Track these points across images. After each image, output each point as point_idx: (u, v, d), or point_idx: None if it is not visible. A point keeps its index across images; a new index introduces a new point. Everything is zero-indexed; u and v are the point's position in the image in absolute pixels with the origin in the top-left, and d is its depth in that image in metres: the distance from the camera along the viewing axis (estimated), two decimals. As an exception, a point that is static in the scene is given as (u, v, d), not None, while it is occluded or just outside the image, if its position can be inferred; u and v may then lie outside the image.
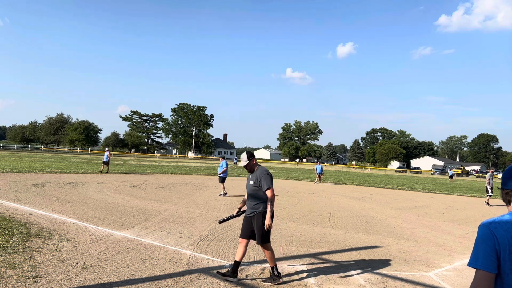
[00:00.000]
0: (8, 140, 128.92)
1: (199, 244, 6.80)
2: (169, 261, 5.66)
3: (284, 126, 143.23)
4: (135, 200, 12.05)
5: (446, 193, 23.62)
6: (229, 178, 25.51)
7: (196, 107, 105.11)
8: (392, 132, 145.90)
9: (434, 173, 73.56)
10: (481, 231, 1.69)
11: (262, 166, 5.16)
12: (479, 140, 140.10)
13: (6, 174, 18.05)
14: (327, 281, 5.18)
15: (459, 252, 7.53)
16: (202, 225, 8.59)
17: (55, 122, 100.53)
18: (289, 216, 10.69)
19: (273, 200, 4.88)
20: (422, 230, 9.75)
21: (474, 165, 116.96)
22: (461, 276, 5.86)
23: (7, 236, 6.34)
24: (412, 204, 16.29)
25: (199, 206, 11.47)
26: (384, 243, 7.91)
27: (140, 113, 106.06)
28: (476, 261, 1.65)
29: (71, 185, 15.12)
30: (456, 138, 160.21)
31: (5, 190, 12.20)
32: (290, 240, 7.57)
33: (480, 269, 1.62)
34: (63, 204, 10.31)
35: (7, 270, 4.75)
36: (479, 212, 14.56)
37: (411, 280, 5.49)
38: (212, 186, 18.37)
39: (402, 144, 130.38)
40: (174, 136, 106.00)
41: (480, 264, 1.63)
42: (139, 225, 8.17)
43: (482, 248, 1.64)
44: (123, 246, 6.31)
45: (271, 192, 4.86)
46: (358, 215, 11.75)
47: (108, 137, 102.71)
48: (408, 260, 6.63)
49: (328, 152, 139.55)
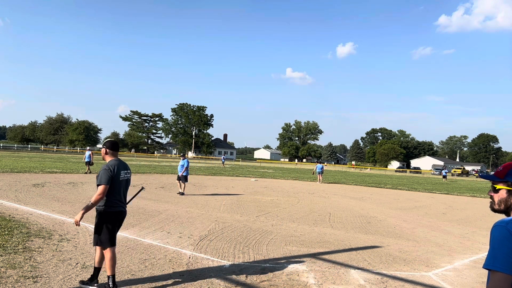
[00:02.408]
0: (8, 140, 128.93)
1: (199, 244, 6.80)
2: (169, 261, 5.66)
3: (284, 126, 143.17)
4: (135, 200, 12.01)
5: (446, 193, 23.61)
6: (229, 178, 25.51)
7: (196, 107, 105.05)
8: (392, 132, 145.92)
9: (434, 173, 73.51)
10: (499, 232, 1.62)
11: (112, 160, 4.43)
12: (479, 140, 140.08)
13: (6, 174, 18.05)
14: (327, 281, 5.18)
15: (459, 252, 7.53)
16: (202, 225, 8.58)
17: (55, 122, 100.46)
18: (289, 216, 10.69)
19: (96, 199, 4.15)
20: (422, 230, 9.75)
21: (474, 165, 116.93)
22: (461, 276, 5.86)
23: (7, 236, 6.34)
24: (412, 204, 16.29)
25: (199, 206, 11.47)
26: (384, 243, 7.91)
27: (140, 113, 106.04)
28: (494, 262, 1.58)
29: (71, 185, 15.11)
30: (456, 138, 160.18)
31: (5, 190, 12.20)
32: (290, 240, 7.57)
33: (498, 271, 1.56)
34: (63, 204, 10.30)
35: (7, 270, 4.75)
36: (479, 212, 14.56)
37: (411, 280, 5.48)
38: (212, 186, 18.37)
39: (402, 144, 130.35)
40: (174, 136, 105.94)
41: (499, 265, 1.56)
42: (139, 225, 8.17)
43: (501, 249, 1.58)
44: (123, 246, 6.31)
45: (99, 190, 4.16)
46: (358, 215, 11.75)
47: (108, 137, 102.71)
48: (408, 260, 6.62)
49: (328, 152, 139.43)
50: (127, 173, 4.56)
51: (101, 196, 4.17)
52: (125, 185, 4.55)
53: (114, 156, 4.50)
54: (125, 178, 4.50)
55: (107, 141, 4.52)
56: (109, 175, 4.23)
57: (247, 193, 16.07)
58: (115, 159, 4.47)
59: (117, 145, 4.57)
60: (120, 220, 4.51)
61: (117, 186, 4.34)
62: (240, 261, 5.89)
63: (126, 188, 4.59)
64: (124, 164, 4.57)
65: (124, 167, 4.52)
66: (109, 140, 4.55)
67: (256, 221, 9.56)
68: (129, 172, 4.64)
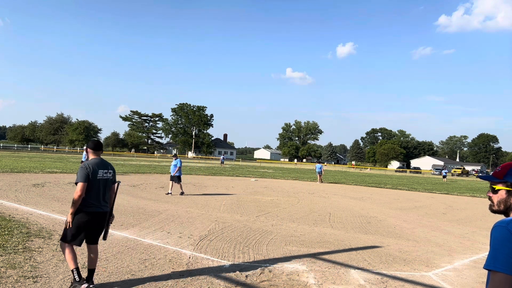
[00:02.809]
0: (8, 140, 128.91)
1: (199, 244, 6.80)
2: (169, 261, 5.66)
3: (284, 126, 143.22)
4: (135, 200, 12.05)
5: (446, 193, 23.62)
6: (229, 178, 25.51)
7: (196, 107, 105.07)
8: (392, 132, 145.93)
9: (434, 173, 73.53)
10: (499, 232, 1.61)
11: (93, 159, 4.43)
12: (479, 140, 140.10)
13: (6, 174, 18.05)
14: (327, 281, 5.18)
15: (459, 252, 7.53)
16: (202, 225, 8.58)
17: (55, 122, 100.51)
18: (289, 216, 10.69)
19: (75, 198, 4.14)
20: (422, 230, 9.75)
21: (474, 165, 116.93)
22: (461, 276, 5.86)
23: (7, 236, 6.34)
24: (412, 204, 16.29)
25: (199, 206, 11.47)
26: (384, 243, 7.91)
27: (140, 113, 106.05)
28: (495, 263, 1.56)
29: (71, 185, 15.11)
30: (456, 138, 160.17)
31: (5, 190, 12.20)
32: (290, 240, 7.57)
33: (499, 272, 1.55)
34: (63, 204, 10.30)
35: (7, 270, 4.75)
36: (479, 212, 14.56)
37: (411, 280, 5.48)
38: (212, 186, 18.36)
39: (402, 144, 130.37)
40: (174, 136, 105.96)
41: (500, 266, 1.54)
42: (139, 225, 8.17)
43: (501, 249, 1.56)
44: (123, 246, 6.31)
45: (77, 188, 4.18)
46: (358, 215, 11.75)
47: (108, 137, 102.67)
48: (408, 260, 6.62)
49: (328, 152, 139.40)
50: (107, 173, 4.44)
51: (79, 193, 4.15)
52: (104, 185, 4.40)
53: (96, 156, 4.48)
54: (104, 178, 4.38)
55: (90, 141, 4.55)
56: (85, 172, 4.22)
57: (247, 193, 16.07)
58: (95, 158, 4.44)
59: (99, 145, 4.54)
60: (97, 221, 4.35)
61: (94, 185, 4.27)
62: (240, 261, 5.89)
63: (106, 188, 4.44)
64: (105, 163, 4.48)
65: (105, 166, 4.43)
66: (92, 140, 4.59)
67: (256, 221, 9.56)
68: (111, 172, 4.50)
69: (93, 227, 4.35)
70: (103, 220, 4.43)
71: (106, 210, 4.44)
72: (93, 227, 4.35)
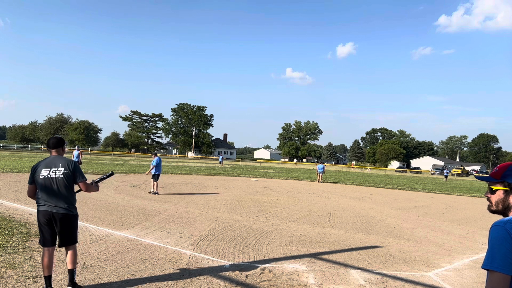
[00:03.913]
0: (8, 140, 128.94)
1: (199, 244, 6.80)
2: (169, 261, 5.66)
3: (284, 126, 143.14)
4: (135, 200, 12.04)
5: (446, 193, 23.61)
6: (229, 178, 25.50)
7: (196, 107, 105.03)
8: (392, 132, 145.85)
9: (434, 173, 73.52)
10: (497, 232, 1.62)
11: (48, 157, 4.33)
12: (479, 140, 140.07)
13: (6, 174, 18.05)
14: (327, 281, 5.18)
15: (459, 252, 7.53)
16: (202, 225, 8.58)
17: (55, 122, 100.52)
18: (289, 216, 10.69)
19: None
20: (422, 230, 9.75)
21: (474, 165, 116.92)
22: (461, 276, 5.86)
23: (7, 236, 6.35)
24: (412, 204, 16.29)
25: (199, 206, 11.47)
26: (384, 243, 7.91)
27: (140, 113, 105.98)
28: (492, 262, 1.57)
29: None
30: (456, 138, 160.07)
31: (5, 190, 12.20)
32: (290, 240, 7.57)
33: (496, 271, 1.55)
34: (63, 204, 10.29)
35: (7, 270, 4.75)
36: (479, 212, 14.56)
37: (411, 280, 5.48)
38: (212, 186, 18.36)
39: (402, 144, 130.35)
40: (174, 136, 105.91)
41: (497, 266, 1.55)
42: (139, 225, 8.17)
43: (499, 249, 1.57)
44: (123, 246, 6.32)
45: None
46: (358, 215, 11.75)
47: (108, 137, 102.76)
48: (408, 260, 6.62)
49: (328, 152, 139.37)
50: (56, 171, 4.13)
51: (28, 194, 4.28)
52: (50, 183, 4.10)
53: (55, 153, 4.28)
54: (48, 177, 4.09)
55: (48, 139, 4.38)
56: (31, 173, 4.23)
57: (247, 193, 16.07)
58: (50, 156, 4.27)
59: (56, 142, 4.29)
60: (49, 220, 4.10)
61: (39, 185, 4.13)
62: (240, 261, 5.89)
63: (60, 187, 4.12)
64: (56, 161, 4.19)
65: (53, 164, 4.16)
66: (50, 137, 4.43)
67: (256, 221, 9.56)
68: (61, 170, 4.14)
69: (51, 228, 4.14)
70: (61, 221, 4.13)
71: (60, 211, 4.11)
72: (51, 228, 4.14)
